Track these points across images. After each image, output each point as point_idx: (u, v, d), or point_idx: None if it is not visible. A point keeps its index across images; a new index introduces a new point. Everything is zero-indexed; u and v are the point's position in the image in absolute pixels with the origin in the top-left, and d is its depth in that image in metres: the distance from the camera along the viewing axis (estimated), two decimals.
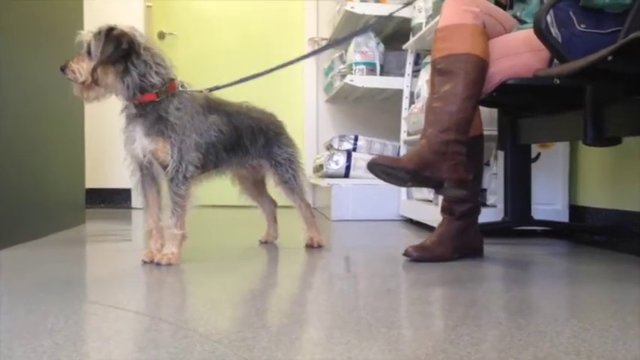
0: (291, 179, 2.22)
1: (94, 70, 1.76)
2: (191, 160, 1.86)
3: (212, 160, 1.99)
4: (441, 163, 1.81)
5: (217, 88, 2.13)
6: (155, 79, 1.83)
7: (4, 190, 2.17)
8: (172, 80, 1.87)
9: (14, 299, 1.38)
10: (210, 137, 1.95)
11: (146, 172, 1.93)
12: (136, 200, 4.45)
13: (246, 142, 2.11)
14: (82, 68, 1.79)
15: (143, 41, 1.84)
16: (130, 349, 1.00)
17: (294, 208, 2.29)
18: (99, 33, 1.80)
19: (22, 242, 2.30)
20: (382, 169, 1.80)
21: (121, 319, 1.21)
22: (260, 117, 2.19)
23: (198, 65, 4.76)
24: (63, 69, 1.80)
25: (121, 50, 1.78)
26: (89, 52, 1.78)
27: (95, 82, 1.79)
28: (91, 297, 1.45)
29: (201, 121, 1.93)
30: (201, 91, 2.02)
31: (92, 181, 4.09)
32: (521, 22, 2.09)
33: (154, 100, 1.83)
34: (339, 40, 2.78)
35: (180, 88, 1.90)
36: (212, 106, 2.02)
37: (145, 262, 1.87)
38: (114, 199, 4.47)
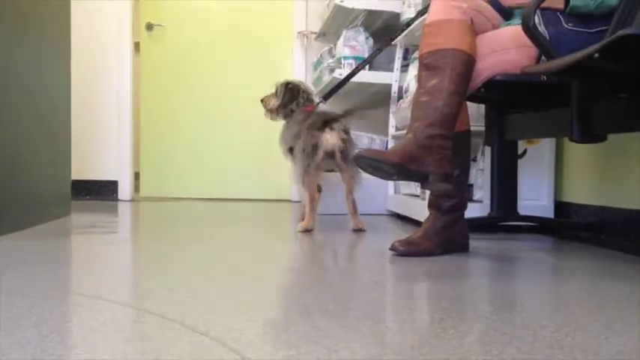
0: None
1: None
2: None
3: None
4: (426, 157, 1.82)
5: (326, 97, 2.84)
6: None
7: None
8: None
9: None
10: None
11: None
12: (123, 192, 4.44)
13: None
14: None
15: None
16: (115, 341, 1.00)
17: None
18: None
19: (5, 234, 2.28)
20: (368, 162, 1.81)
21: (106, 310, 1.20)
22: None
23: (185, 57, 4.74)
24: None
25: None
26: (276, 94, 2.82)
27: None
28: (77, 289, 1.44)
29: None
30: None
31: (78, 173, 4.06)
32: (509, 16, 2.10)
33: None
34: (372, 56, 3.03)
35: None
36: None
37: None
38: (100, 191, 4.44)
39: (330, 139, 2.49)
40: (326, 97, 2.82)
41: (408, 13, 3.22)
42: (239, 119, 4.67)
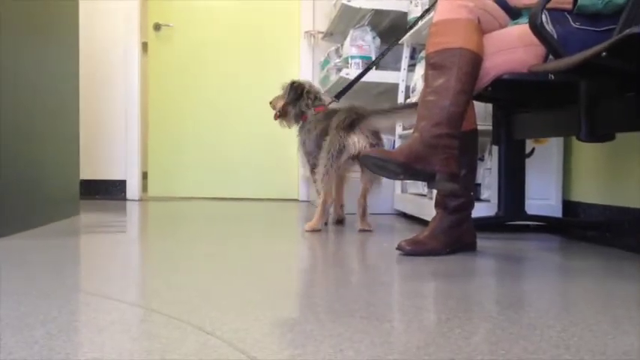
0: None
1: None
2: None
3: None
4: (433, 157, 1.82)
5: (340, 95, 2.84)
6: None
7: None
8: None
9: (6, 289, 1.38)
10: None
11: None
12: (131, 192, 4.45)
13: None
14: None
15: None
16: (122, 340, 1.00)
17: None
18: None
19: (14, 233, 2.30)
20: (374, 161, 1.81)
21: (114, 309, 1.21)
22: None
23: (193, 57, 4.75)
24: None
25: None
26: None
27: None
28: (85, 288, 1.45)
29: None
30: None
31: (87, 173, 4.08)
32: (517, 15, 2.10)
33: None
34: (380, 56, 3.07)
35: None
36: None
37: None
38: (109, 191, 4.46)
39: (357, 143, 2.41)
40: (338, 95, 2.78)
41: (415, 13, 3.22)
42: (247, 119, 4.68)
